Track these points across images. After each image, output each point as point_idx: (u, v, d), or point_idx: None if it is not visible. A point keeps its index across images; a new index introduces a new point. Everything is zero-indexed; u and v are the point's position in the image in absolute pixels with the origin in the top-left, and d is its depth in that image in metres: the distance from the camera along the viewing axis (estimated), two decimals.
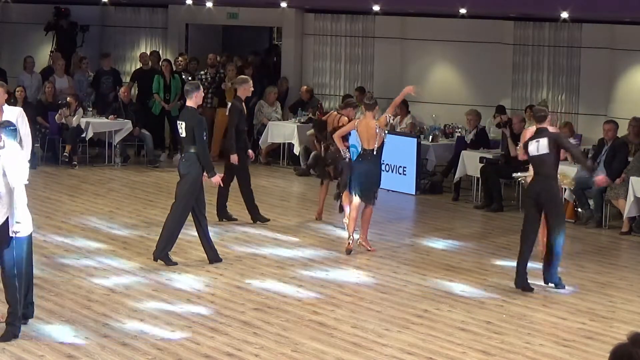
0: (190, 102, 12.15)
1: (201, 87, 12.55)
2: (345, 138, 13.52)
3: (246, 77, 14.98)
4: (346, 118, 13.84)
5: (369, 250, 12.99)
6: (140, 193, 16.61)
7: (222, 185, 13.24)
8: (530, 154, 11.37)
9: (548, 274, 11.49)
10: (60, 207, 15.23)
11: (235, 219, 14.40)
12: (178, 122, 12.26)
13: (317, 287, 11.32)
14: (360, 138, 12.95)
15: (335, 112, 14.36)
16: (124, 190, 16.95)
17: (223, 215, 14.42)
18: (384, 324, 10.02)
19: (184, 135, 12.09)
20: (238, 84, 14.54)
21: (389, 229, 14.28)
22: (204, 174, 12.06)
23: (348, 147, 13.44)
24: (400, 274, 11.99)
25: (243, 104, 14.45)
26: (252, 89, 14.68)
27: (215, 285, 11.25)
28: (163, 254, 12.02)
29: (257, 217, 14.43)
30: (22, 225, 8.98)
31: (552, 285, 11.47)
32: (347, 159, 13.32)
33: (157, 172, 18.60)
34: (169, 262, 11.97)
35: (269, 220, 14.39)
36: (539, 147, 11.25)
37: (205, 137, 12.00)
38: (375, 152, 12.84)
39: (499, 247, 13.52)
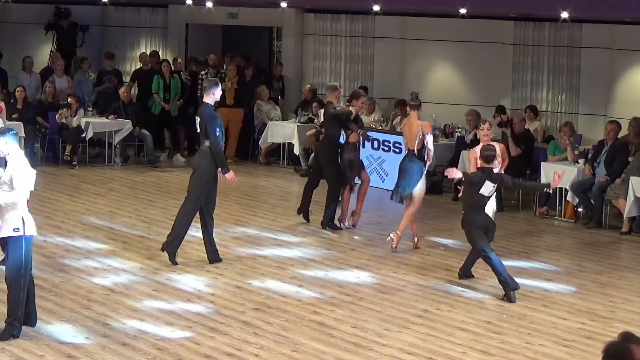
0: (207, 99, 12.13)
1: (220, 84, 12.52)
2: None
3: (335, 84, 15.12)
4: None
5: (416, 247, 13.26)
6: (140, 193, 16.61)
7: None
8: None
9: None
10: (60, 207, 15.23)
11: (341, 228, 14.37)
12: (196, 117, 12.35)
13: (317, 287, 11.32)
14: (405, 138, 13.40)
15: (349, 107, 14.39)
16: (124, 190, 16.94)
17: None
18: (384, 324, 10.02)
19: (199, 130, 12.12)
20: (329, 92, 14.64)
21: (389, 229, 14.26)
22: (219, 170, 12.09)
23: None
24: (400, 274, 11.99)
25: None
26: (340, 93, 14.92)
27: (215, 285, 11.25)
28: (171, 248, 12.01)
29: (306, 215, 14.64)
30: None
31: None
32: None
33: (157, 172, 18.59)
34: (172, 260, 11.95)
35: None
36: None
37: (217, 134, 11.93)
38: (415, 153, 13.12)
39: (498, 247, 13.47)
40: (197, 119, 12.20)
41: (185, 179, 17.60)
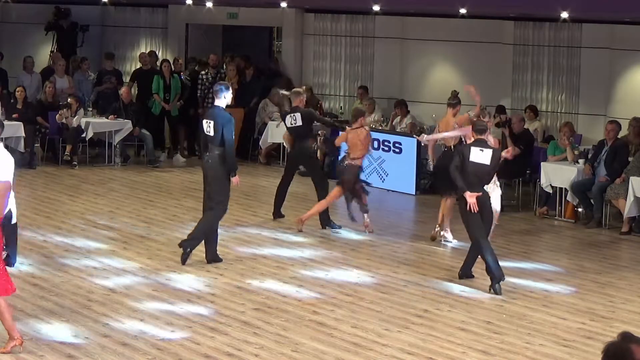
0: (220, 102, 12.09)
1: (230, 87, 12.51)
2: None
3: (299, 90, 15.54)
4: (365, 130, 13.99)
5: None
6: (140, 193, 16.61)
7: None
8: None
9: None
10: (60, 207, 15.22)
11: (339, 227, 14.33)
12: (205, 120, 12.17)
13: (317, 287, 11.32)
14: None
15: (350, 128, 14.14)
16: (124, 190, 16.94)
17: (326, 222, 14.32)
18: (384, 324, 10.03)
19: (211, 134, 12.02)
20: (293, 96, 14.99)
21: (389, 229, 14.28)
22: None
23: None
24: (400, 274, 12.00)
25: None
26: (305, 98, 15.27)
27: (215, 285, 11.25)
28: (186, 244, 12.01)
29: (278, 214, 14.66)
30: None
31: None
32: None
33: (157, 172, 18.59)
34: (184, 259, 11.95)
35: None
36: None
37: (232, 137, 12.04)
38: (453, 149, 13.25)
39: (498, 247, 13.47)
40: (211, 122, 11.99)
41: (185, 178, 17.71)
